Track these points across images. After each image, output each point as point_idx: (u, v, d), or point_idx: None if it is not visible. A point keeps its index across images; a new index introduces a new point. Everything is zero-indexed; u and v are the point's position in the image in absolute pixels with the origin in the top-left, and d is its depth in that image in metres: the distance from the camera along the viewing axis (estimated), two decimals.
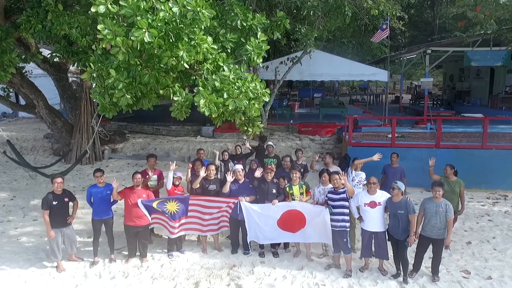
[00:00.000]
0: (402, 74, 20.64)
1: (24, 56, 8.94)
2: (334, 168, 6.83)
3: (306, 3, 8.33)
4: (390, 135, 10.84)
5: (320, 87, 24.58)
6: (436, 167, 8.43)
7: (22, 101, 14.59)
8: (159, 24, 5.00)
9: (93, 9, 5.19)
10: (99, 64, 5.74)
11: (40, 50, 10.47)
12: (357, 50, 29.79)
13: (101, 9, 5.09)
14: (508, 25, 9.37)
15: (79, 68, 8.90)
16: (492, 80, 19.20)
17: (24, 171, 11.58)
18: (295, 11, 9.77)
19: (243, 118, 6.07)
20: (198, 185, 6.43)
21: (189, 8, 4.99)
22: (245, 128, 6.55)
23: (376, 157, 6.77)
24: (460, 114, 14.15)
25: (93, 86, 6.99)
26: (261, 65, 6.61)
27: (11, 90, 12.21)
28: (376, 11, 8.61)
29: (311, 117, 17.08)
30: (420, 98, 23.42)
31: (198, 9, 5.02)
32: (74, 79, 16.47)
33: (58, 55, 8.19)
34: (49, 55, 8.55)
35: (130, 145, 13.53)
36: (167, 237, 6.63)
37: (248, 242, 6.50)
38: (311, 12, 8.35)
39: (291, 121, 14.51)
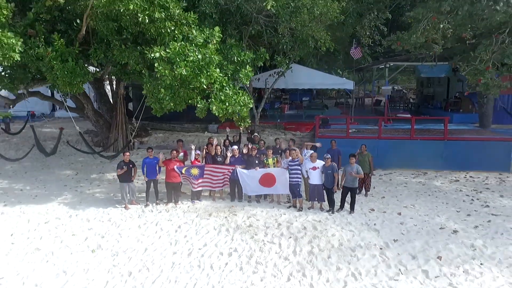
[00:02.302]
0: (374, 82, 24.47)
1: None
2: (294, 148, 10.74)
3: (281, 40, 12.27)
4: (350, 130, 14.78)
5: (308, 92, 28.33)
6: (378, 154, 12.44)
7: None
8: (190, 64, 8.90)
9: (152, 54, 9.09)
10: (150, 84, 9.67)
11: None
12: (344, 58, 33.63)
13: (157, 54, 9.00)
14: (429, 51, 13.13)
15: (126, 83, 12.77)
16: (448, 87, 23.09)
17: (75, 157, 15.57)
18: (279, 43, 13.57)
19: (238, 117, 9.94)
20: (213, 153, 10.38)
21: (206, 55, 8.89)
22: (239, 123, 10.41)
23: (318, 144, 10.69)
24: (395, 115, 18.04)
25: (129, 95, 10.72)
26: (247, 81, 10.14)
27: (67, 95, 16.09)
28: (325, 48, 12.43)
29: (297, 117, 20.97)
30: (393, 102, 27.34)
31: (212, 55, 8.91)
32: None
33: (115, 75, 12.10)
34: (109, 73, 12.41)
35: (153, 139, 17.44)
36: (190, 193, 10.55)
37: (242, 195, 10.43)
38: (284, 46, 12.27)
39: (279, 120, 18.41)
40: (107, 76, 15.36)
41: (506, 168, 13.36)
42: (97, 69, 13.01)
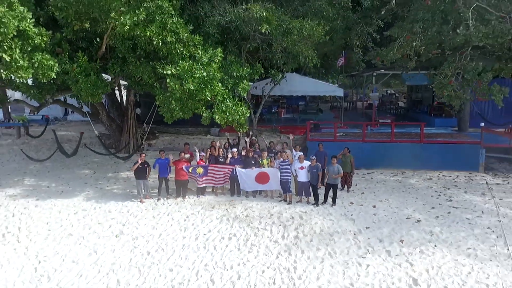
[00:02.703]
0: (364, 88, 26.12)
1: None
2: (286, 150, 12.42)
3: (274, 56, 13.97)
4: (338, 134, 16.48)
5: (303, 97, 29.98)
6: (362, 155, 14.07)
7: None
8: (196, 80, 10.59)
9: (164, 71, 10.79)
10: (162, 96, 11.36)
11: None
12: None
13: (169, 72, 10.70)
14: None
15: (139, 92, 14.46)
16: (433, 93, 24.73)
17: (91, 158, 17.25)
18: (273, 58, 15.25)
19: (237, 124, 11.62)
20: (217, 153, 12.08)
21: (210, 73, 10.58)
22: (238, 129, 12.09)
23: (291, 136, 12.52)
24: (378, 120, 19.72)
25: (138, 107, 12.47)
26: (245, 93, 11.85)
27: (85, 103, 17.75)
28: (312, 64, 14.14)
29: (292, 121, 22.66)
30: (384, 106, 29.04)
31: (215, 73, 10.60)
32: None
33: (130, 86, 13.79)
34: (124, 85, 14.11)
35: (160, 141, 19.13)
36: (196, 189, 12.24)
37: (241, 190, 12.12)
38: (278, 61, 13.98)
39: (275, 124, 20.09)
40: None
41: (475, 168, 15.04)
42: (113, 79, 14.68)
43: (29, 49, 9.44)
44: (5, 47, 8.84)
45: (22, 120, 21.73)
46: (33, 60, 9.51)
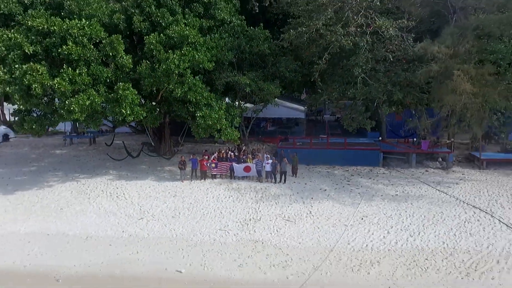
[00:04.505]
0: (325, 108, 36.24)
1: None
2: (261, 153, 22.60)
3: (255, 100, 24.10)
4: (297, 143, 26.63)
5: None
6: (309, 157, 24.24)
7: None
8: (213, 119, 20.70)
9: (195, 114, 20.96)
10: (194, 126, 21.55)
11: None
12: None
13: (198, 114, 20.86)
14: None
15: (176, 119, 24.71)
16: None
17: (141, 159, 27.41)
18: (254, 101, 25.42)
19: (233, 140, 21.72)
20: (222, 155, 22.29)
21: (219, 115, 20.71)
22: (234, 142, 22.23)
23: (264, 146, 22.68)
24: (320, 135, 29.81)
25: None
26: (237, 124, 21.99)
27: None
28: (276, 106, 24.20)
29: (274, 133, 32.77)
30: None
31: (222, 115, 20.74)
32: None
33: (172, 118, 23.98)
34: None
35: (185, 148, 29.32)
36: (211, 175, 22.40)
37: (235, 176, 22.29)
38: (257, 102, 24.18)
39: (260, 136, 30.27)
40: None
41: (377, 164, 25.06)
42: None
43: (132, 105, 19.59)
44: (123, 106, 19.01)
45: (84, 132, 32.07)
46: (134, 111, 19.66)
